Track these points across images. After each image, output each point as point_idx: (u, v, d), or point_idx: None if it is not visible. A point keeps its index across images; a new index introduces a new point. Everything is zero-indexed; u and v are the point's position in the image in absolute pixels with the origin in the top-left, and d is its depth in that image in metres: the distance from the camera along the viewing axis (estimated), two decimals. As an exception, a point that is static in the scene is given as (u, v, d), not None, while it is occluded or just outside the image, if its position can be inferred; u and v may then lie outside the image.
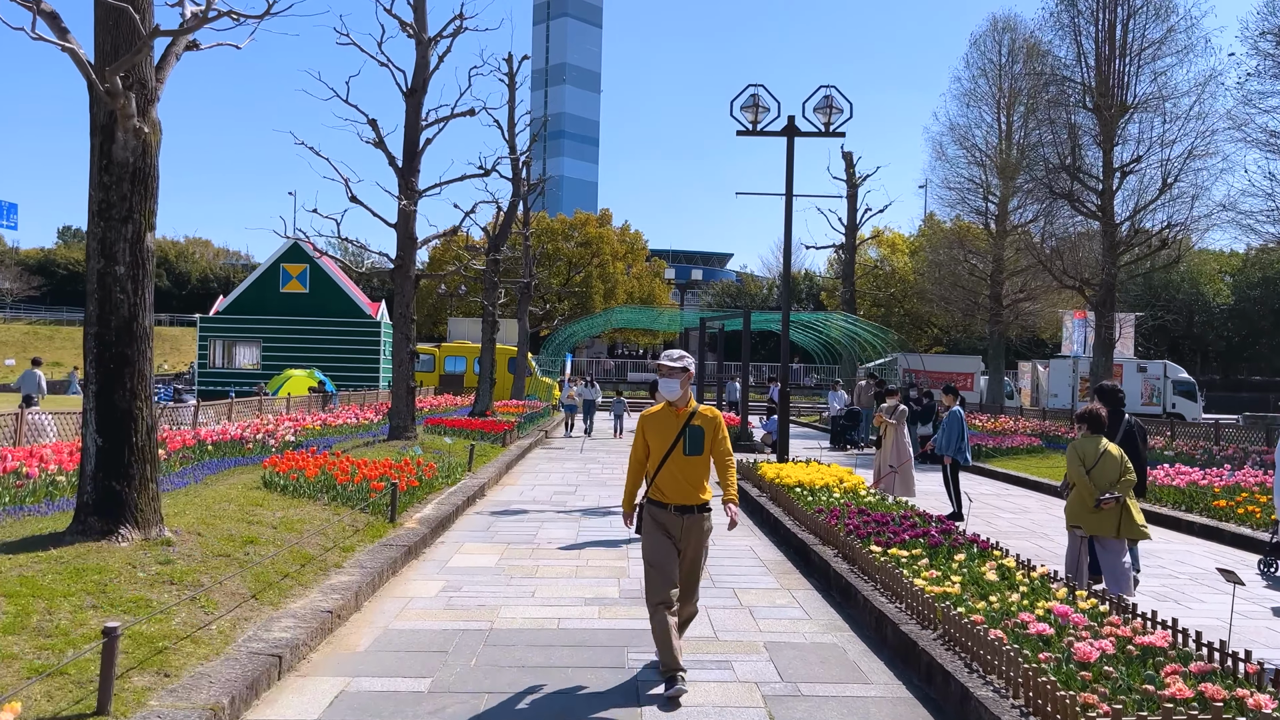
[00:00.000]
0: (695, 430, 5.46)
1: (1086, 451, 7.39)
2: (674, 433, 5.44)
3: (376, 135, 16.58)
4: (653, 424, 5.54)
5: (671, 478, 5.42)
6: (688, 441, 5.42)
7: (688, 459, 5.42)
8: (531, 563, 8.94)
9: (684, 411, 5.52)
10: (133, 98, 6.96)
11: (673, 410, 5.52)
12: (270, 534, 8.24)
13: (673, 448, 5.42)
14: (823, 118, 14.95)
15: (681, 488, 5.42)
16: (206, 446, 13.32)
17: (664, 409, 5.54)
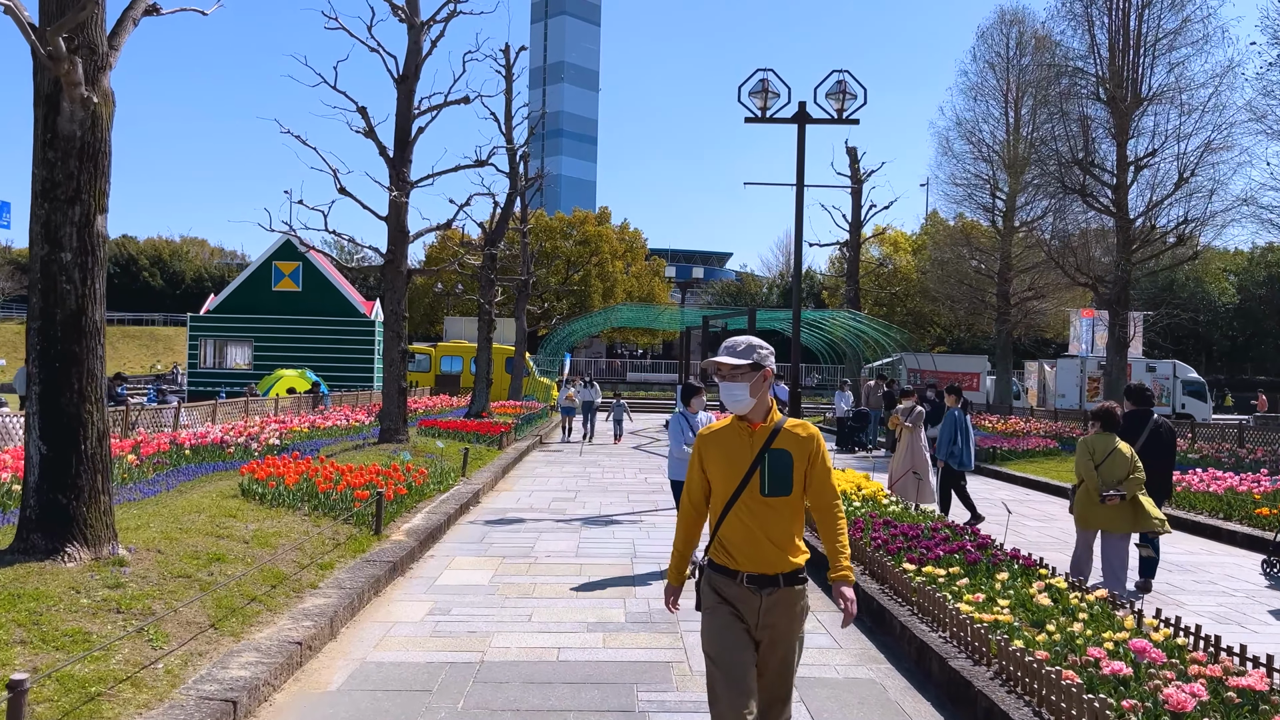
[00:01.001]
0: (779, 457, 3.51)
1: (1097, 448, 7.50)
2: (746, 461, 3.52)
3: (366, 124, 15.82)
4: (715, 448, 3.61)
5: (744, 531, 3.50)
6: (768, 475, 3.49)
7: (767, 502, 3.49)
8: (528, 580, 8.18)
9: (762, 428, 3.56)
10: (79, 63, 6.20)
11: (745, 427, 3.57)
12: (240, 550, 7.48)
13: (744, 484, 3.50)
14: (835, 104, 14.21)
15: (759, 546, 3.49)
16: (184, 451, 12.55)
17: (732, 425, 3.62)
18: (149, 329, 67.18)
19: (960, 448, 12.10)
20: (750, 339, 3.65)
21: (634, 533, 10.66)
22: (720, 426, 3.68)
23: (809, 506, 3.66)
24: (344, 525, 9.11)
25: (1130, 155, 25.68)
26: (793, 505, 3.54)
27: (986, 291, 35.81)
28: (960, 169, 35.47)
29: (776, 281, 77.00)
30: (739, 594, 3.52)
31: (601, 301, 56.68)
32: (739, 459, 3.55)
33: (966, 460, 12.10)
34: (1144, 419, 8.64)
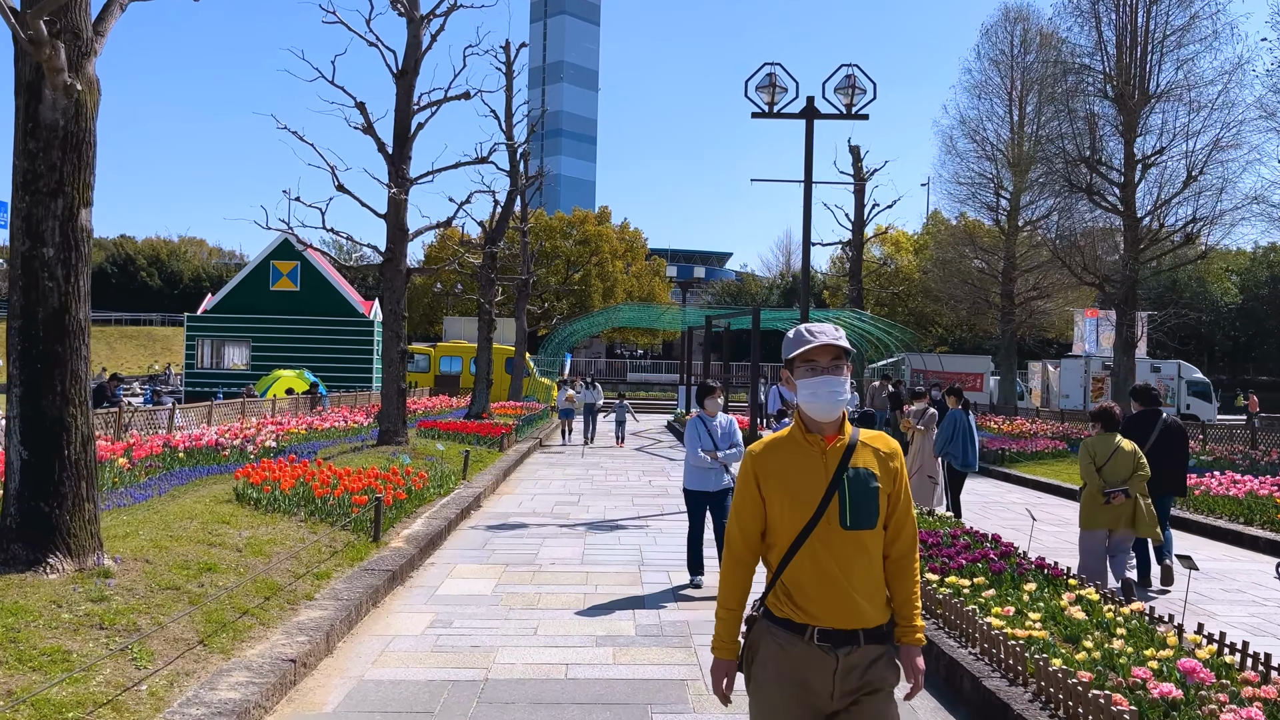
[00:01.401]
0: (861, 479, 2.76)
1: (1099, 449, 7.48)
2: (820, 484, 2.75)
3: (365, 119, 15.51)
4: (776, 469, 2.80)
5: (818, 574, 2.72)
6: (849, 501, 2.73)
7: (849, 537, 2.73)
8: (533, 589, 7.87)
9: (837, 442, 2.79)
10: (61, 48, 5.89)
11: (815, 441, 2.80)
12: (233, 559, 7.16)
13: (819, 514, 2.73)
14: (844, 99, 13.90)
15: (837, 594, 2.72)
16: (178, 454, 12.23)
17: (793, 438, 2.83)
18: (147, 329, 66.84)
19: (958, 447, 11.78)
20: (835, 325, 2.92)
21: (640, 538, 10.35)
22: (777, 440, 2.85)
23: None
24: (341, 532, 8.79)
25: (1138, 153, 25.42)
26: (878, 540, 2.79)
27: (990, 291, 35.56)
28: (964, 167, 35.26)
29: (777, 281, 76.70)
30: (806, 657, 2.69)
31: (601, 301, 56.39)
32: (810, 482, 2.74)
33: (971, 460, 11.80)
34: (1153, 419, 8.61)
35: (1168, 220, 25.26)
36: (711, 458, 7.81)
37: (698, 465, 7.92)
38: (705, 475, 7.94)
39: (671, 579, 8.33)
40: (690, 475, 8.06)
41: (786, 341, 2.86)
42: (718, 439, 7.90)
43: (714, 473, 7.92)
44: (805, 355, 2.77)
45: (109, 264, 75.16)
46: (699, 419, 8.07)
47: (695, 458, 7.90)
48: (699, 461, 7.87)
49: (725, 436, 7.95)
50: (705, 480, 7.94)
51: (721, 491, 7.94)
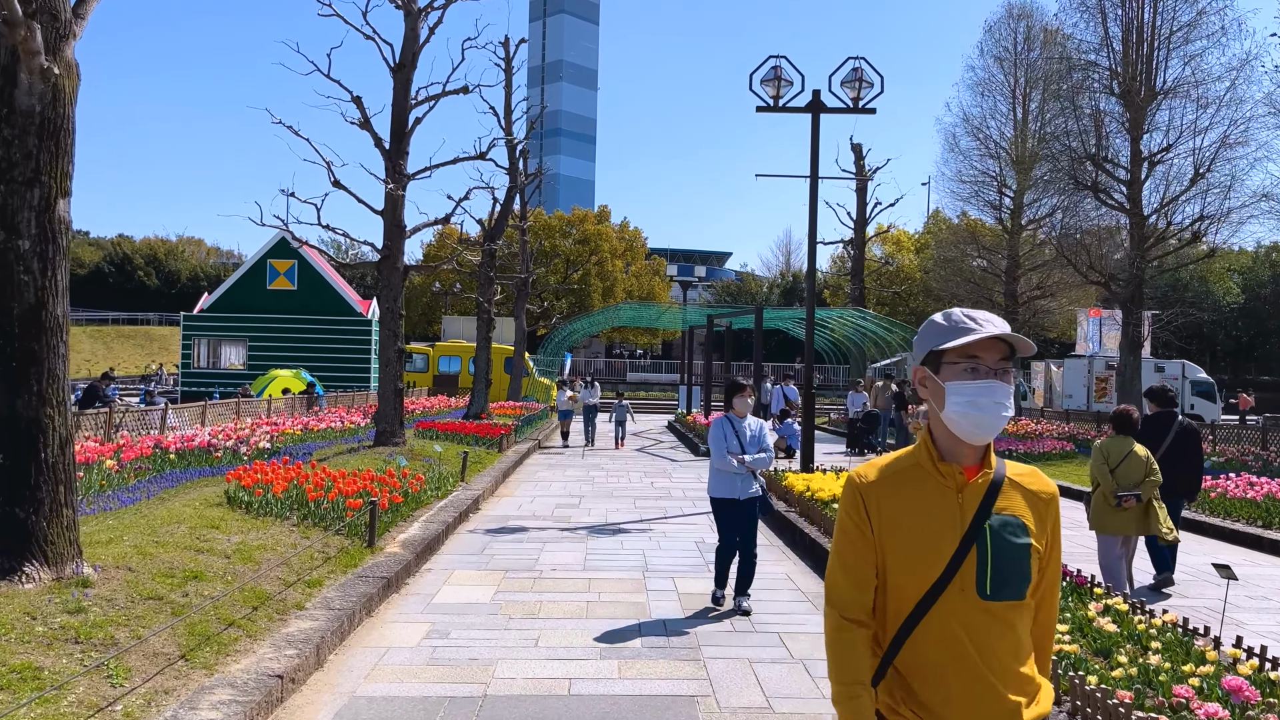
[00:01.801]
0: (1008, 530, 2.06)
1: (1112, 451, 7.46)
2: (953, 533, 2.05)
3: (361, 114, 15.21)
4: (894, 501, 2.11)
5: (949, 657, 2.03)
6: (990, 559, 2.03)
7: (991, 609, 2.04)
8: (533, 597, 7.57)
9: (979, 477, 2.09)
10: (38, 30, 5.59)
11: (949, 472, 2.09)
12: (221, 566, 6.87)
13: (949, 575, 2.03)
14: (851, 92, 13.61)
15: (974, 685, 2.02)
16: (169, 455, 11.93)
17: (921, 465, 2.13)
18: (144, 329, 66.49)
19: None
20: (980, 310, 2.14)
21: (644, 543, 10.06)
22: (895, 466, 2.13)
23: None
24: (335, 537, 8.50)
25: (1144, 151, 25.10)
26: (1026, 615, 2.08)
27: (993, 290, 35.24)
28: (967, 166, 34.93)
29: (777, 281, 76.42)
30: None
31: (601, 301, 56.08)
32: (939, 530, 2.02)
33: None
34: (1169, 420, 8.60)
35: (1174, 218, 24.94)
36: (739, 462, 7.15)
37: (724, 470, 7.24)
38: (732, 481, 7.25)
39: (677, 586, 8.03)
40: (716, 481, 7.36)
41: (931, 329, 2.12)
42: (746, 442, 7.24)
43: (741, 479, 7.23)
44: (966, 349, 2.04)
45: (106, 263, 74.81)
46: (726, 419, 7.39)
47: (721, 462, 7.22)
48: (725, 466, 7.20)
49: (754, 440, 7.29)
50: (732, 487, 7.25)
51: (750, 500, 7.27)
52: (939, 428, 2.10)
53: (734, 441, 7.24)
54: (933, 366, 2.11)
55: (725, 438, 7.26)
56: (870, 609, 2.12)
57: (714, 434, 7.33)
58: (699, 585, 8.06)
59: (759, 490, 7.30)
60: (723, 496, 7.31)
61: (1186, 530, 11.75)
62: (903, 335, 31.53)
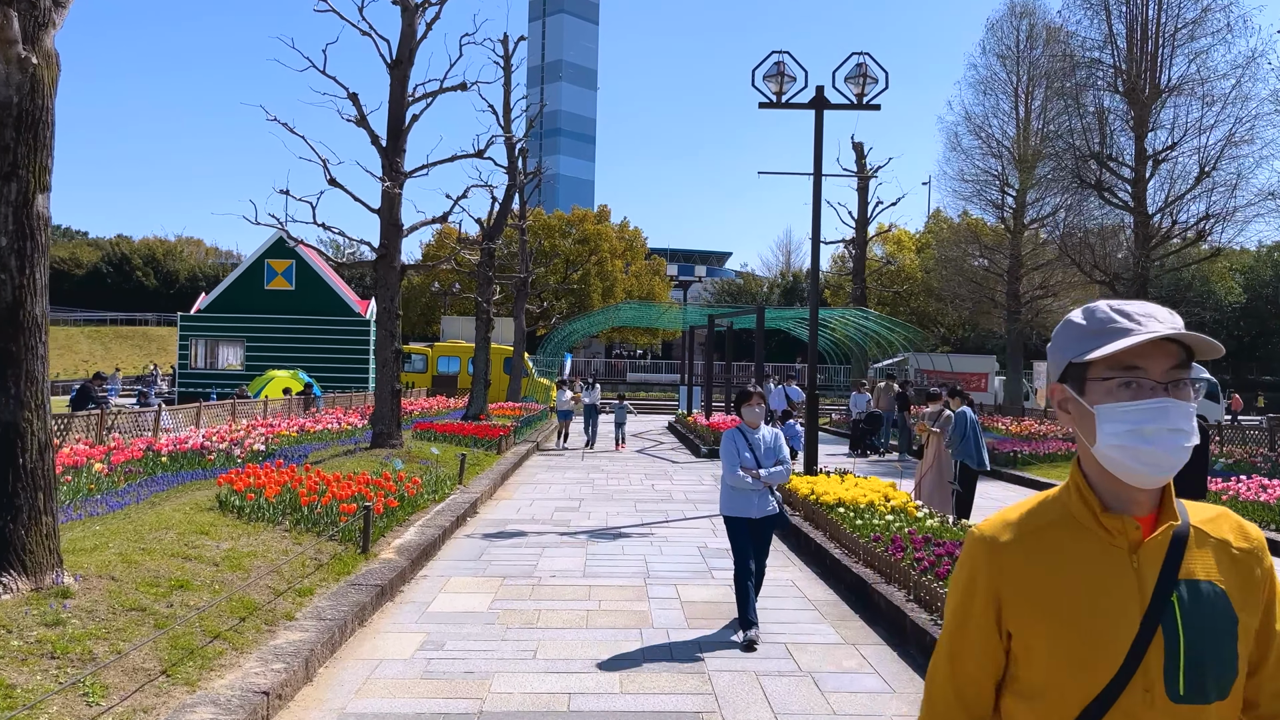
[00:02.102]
0: (1205, 603, 1.45)
1: None
2: (1127, 611, 1.45)
3: (358, 111, 14.99)
4: (1039, 574, 1.50)
5: None
6: (1182, 646, 1.43)
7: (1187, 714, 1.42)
8: (531, 605, 7.34)
9: (1158, 530, 1.49)
10: (15, 18, 5.37)
11: (1120, 526, 1.48)
12: (209, 575, 6.64)
13: (1129, 672, 1.42)
14: (855, 88, 13.39)
15: None
16: (160, 458, 11.70)
17: (1075, 517, 1.52)
18: (142, 329, 66.26)
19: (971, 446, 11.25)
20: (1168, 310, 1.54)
21: (645, 548, 9.83)
22: (1035, 517, 1.56)
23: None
24: (328, 543, 8.27)
25: (1149, 149, 24.92)
26: (1233, 713, 1.48)
27: (995, 290, 35.05)
28: (969, 165, 34.74)
29: (777, 281, 76.20)
30: None
31: (601, 301, 55.85)
32: (1110, 607, 1.46)
33: (985, 459, 11.29)
34: None
35: (1179, 217, 24.74)
36: (753, 477, 6.49)
37: (736, 486, 6.55)
38: (746, 498, 6.55)
39: (680, 593, 7.81)
40: (728, 498, 6.67)
41: (1068, 333, 1.55)
42: (760, 455, 6.61)
43: (756, 495, 6.55)
44: (1121, 358, 1.46)
45: (104, 263, 74.59)
46: (738, 431, 6.73)
47: (733, 477, 6.54)
48: (737, 482, 6.51)
49: (770, 452, 6.64)
50: (746, 504, 6.55)
51: (766, 520, 6.62)
52: (1093, 466, 1.52)
53: (747, 455, 6.59)
54: (1075, 384, 1.51)
55: (738, 451, 6.61)
56: (982, 714, 1.56)
57: (725, 448, 6.67)
58: (702, 592, 7.84)
59: (775, 507, 6.65)
60: (736, 515, 6.61)
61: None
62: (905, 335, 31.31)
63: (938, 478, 11.53)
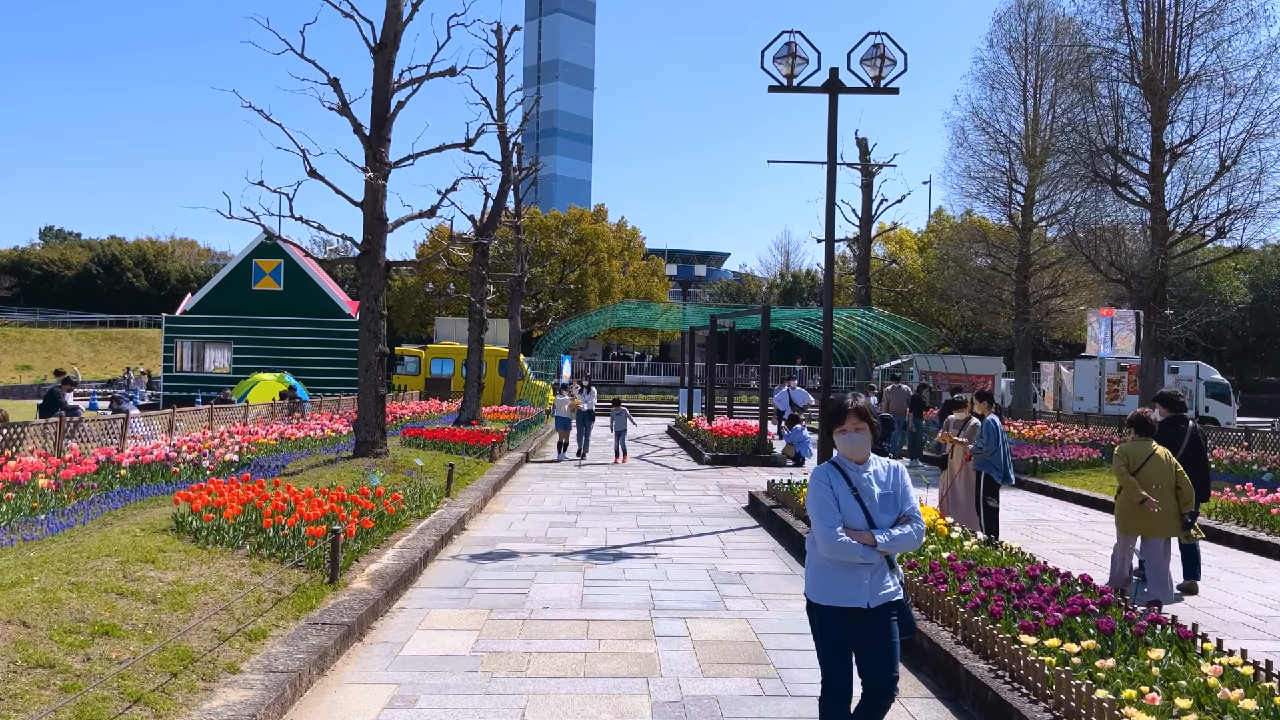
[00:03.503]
0: None
1: (1134, 454, 7.77)
2: None
3: (339, 97, 14.04)
4: None
5: None
6: None
7: None
8: (521, 647, 6.40)
9: None
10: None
11: None
12: (144, 616, 5.70)
13: None
14: (871, 71, 12.46)
15: None
16: (119, 471, 10.74)
17: None
18: (132, 331, 65.22)
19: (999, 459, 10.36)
20: None
21: (648, 571, 8.89)
22: None
23: None
24: (292, 570, 7.32)
25: (1166, 142, 24.03)
26: None
27: (1002, 289, 34.19)
28: (976, 161, 33.93)
29: (776, 281, 75.32)
30: None
31: (598, 301, 54.85)
32: None
33: (1010, 473, 10.39)
34: (1180, 425, 8.74)
35: (1199, 213, 23.85)
36: (865, 544, 3.97)
37: (834, 558, 4.00)
38: (849, 577, 4.01)
39: (690, 630, 6.87)
40: (819, 577, 4.10)
41: None
42: (872, 506, 4.07)
43: (868, 572, 4.01)
44: None
45: (94, 264, 73.54)
46: (833, 469, 4.18)
47: (830, 545, 3.97)
48: (838, 551, 3.96)
49: (889, 501, 4.11)
50: (850, 586, 4.00)
51: (883, 609, 4.02)
52: None
53: (853, 507, 4.06)
54: None
55: (836, 501, 4.07)
56: None
57: (816, 496, 4.13)
58: (716, 629, 6.90)
59: (897, 589, 4.09)
60: (833, 604, 4.04)
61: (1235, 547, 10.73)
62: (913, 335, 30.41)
63: (966, 491, 10.63)
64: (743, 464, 19.42)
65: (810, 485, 4.21)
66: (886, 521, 4.06)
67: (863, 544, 3.97)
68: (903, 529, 4.05)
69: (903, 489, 4.17)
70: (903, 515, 4.10)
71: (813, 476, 4.23)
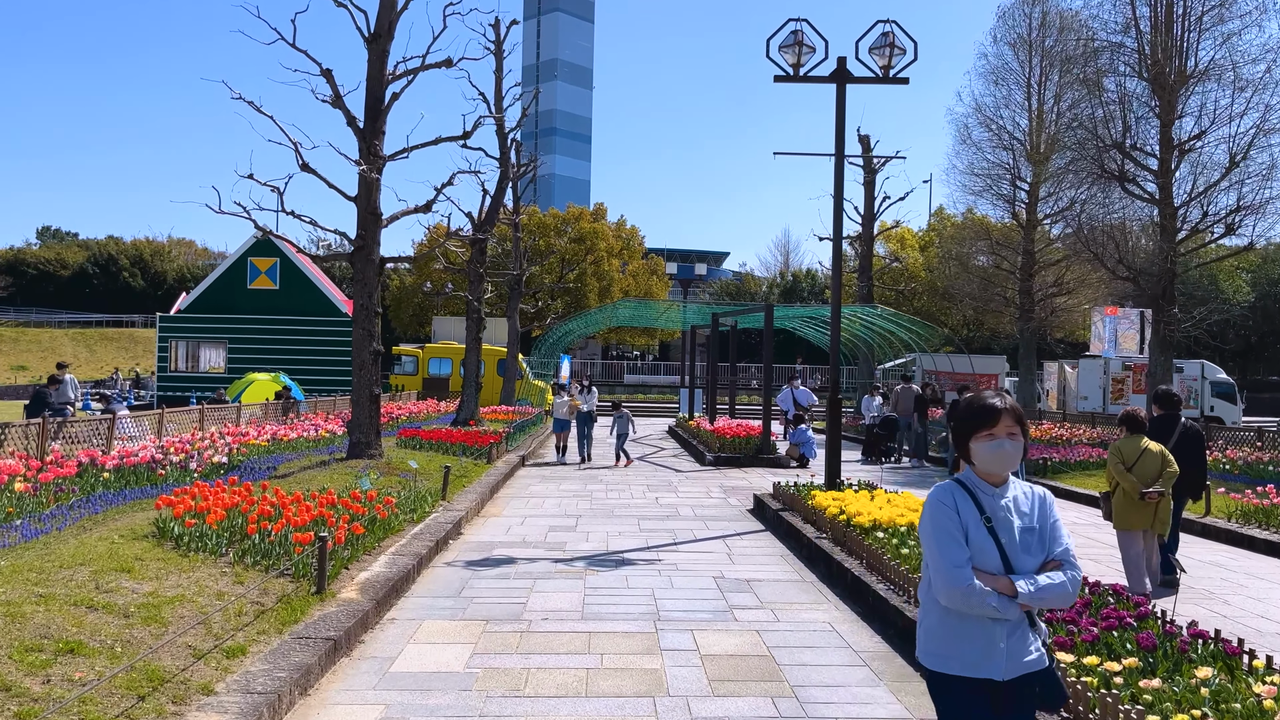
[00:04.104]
0: None
1: (1126, 451, 7.88)
2: None
3: (332, 89, 13.66)
4: None
5: None
6: None
7: None
8: (519, 663, 6.01)
9: None
10: None
11: None
12: (114, 631, 5.32)
13: None
14: (880, 60, 12.09)
15: None
16: (102, 474, 10.35)
17: None
18: (128, 331, 64.81)
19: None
20: None
21: (652, 579, 8.51)
22: None
23: None
24: (277, 580, 6.94)
25: (1175, 138, 23.64)
26: None
27: (1006, 288, 33.78)
28: (979, 158, 33.47)
29: (776, 281, 75.00)
30: None
31: (597, 301, 54.41)
32: None
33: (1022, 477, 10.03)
34: (1172, 423, 8.84)
35: (1208, 209, 23.46)
36: (1004, 593, 2.97)
37: (963, 609, 3.01)
38: (980, 636, 3.02)
39: (698, 643, 6.48)
40: (940, 635, 3.11)
41: None
42: (1009, 544, 3.06)
43: (1004, 631, 3.02)
44: None
45: (90, 264, 73.11)
46: (958, 488, 3.16)
47: (954, 588, 2.98)
48: (967, 601, 2.97)
49: (1034, 537, 3.11)
50: (980, 648, 3.02)
51: (1024, 680, 3.03)
52: None
53: (986, 542, 3.05)
54: None
55: (964, 534, 3.07)
56: None
57: (936, 522, 3.10)
58: (725, 642, 6.51)
59: (1040, 655, 3.07)
60: (953, 672, 3.06)
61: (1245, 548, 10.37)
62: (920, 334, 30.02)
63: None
64: (746, 465, 19.04)
65: (928, 508, 3.13)
66: (1029, 565, 3.03)
67: (999, 592, 2.94)
68: (1053, 577, 2.99)
69: (1051, 524, 3.14)
70: (1053, 560, 3.05)
71: (932, 498, 3.15)
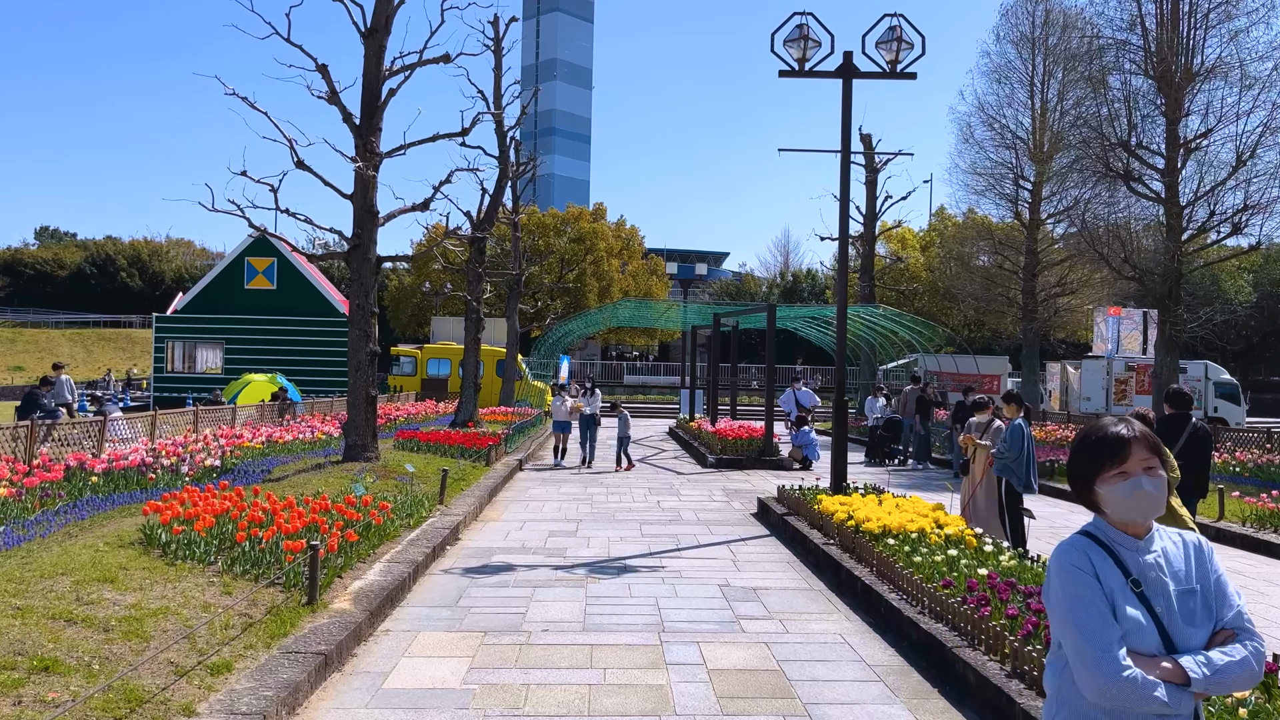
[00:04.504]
0: None
1: None
2: None
3: (328, 85, 13.40)
4: None
5: None
6: None
7: None
8: (518, 678, 5.76)
9: None
10: None
11: None
12: (93, 646, 5.06)
13: None
14: (887, 55, 11.83)
15: None
16: (91, 478, 10.09)
17: None
18: (125, 331, 64.52)
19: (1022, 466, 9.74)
20: None
21: (655, 587, 8.25)
22: None
23: None
24: (266, 590, 6.68)
25: (1181, 136, 23.39)
26: None
27: (1009, 288, 33.54)
28: (982, 157, 33.24)
29: (776, 281, 74.77)
30: None
31: (597, 301, 54.14)
32: None
33: (1034, 481, 9.78)
34: (1183, 422, 8.77)
35: (1215, 208, 23.22)
36: (1174, 682, 2.16)
37: (1115, 707, 2.18)
38: None
39: (705, 656, 6.23)
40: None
41: None
42: (1166, 613, 2.25)
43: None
44: None
45: (88, 264, 72.85)
46: (1094, 545, 2.34)
47: (1109, 685, 2.14)
48: (1126, 697, 2.14)
49: (1194, 600, 2.28)
50: None
51: None
52: None
53: (1139, 613, 2.24)
54: None
55: (1111, 608, 2.23)
56: None
57: (1074, 594, 2.25)
58: (733, 655, 6.26)
59: None
60: None
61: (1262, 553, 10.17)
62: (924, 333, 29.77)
63: (987, 499, 10.02)
64: (748, 467, 18.79)
65: (1057, 574, 2.32)
66: (1195, 639, 2.24)
67: (1167, 681, 2.16)
68: (1231, 652, 2.21)
69: (1215, 581, 2.32)
70: (1224, 628, 2.27)
71: (1061, 560, 2.35)
